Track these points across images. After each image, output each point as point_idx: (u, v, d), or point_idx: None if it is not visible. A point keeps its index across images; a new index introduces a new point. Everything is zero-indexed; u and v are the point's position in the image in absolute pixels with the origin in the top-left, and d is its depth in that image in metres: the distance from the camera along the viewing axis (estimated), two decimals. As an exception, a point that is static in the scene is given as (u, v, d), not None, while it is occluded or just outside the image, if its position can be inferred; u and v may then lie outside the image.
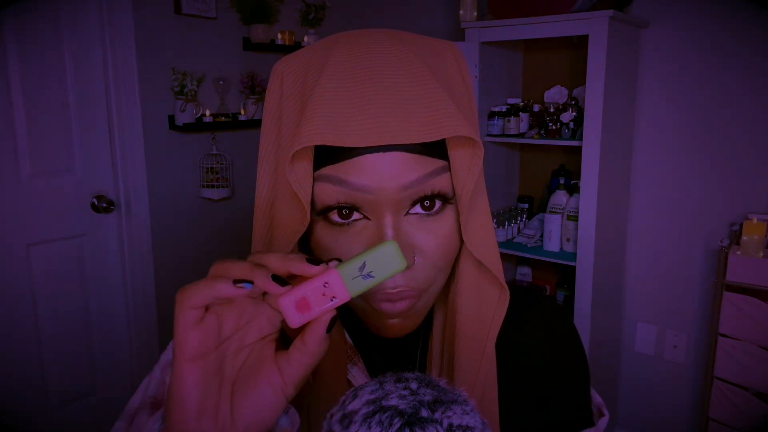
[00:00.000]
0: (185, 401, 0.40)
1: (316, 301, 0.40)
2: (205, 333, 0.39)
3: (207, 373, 0.40)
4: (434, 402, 0.40)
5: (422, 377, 0.43)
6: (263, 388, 0.42)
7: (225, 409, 0.42)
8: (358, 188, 0.45)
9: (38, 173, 2.08)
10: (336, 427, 0.41)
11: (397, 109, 0.43)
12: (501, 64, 2.34)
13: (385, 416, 0.39)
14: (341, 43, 0.47)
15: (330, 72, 0.45)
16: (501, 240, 2.32)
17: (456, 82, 0.49)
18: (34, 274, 2.10)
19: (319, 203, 0.46)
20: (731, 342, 1.81)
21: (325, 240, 0.48)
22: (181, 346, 0.39)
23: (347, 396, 0.43)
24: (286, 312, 0.40)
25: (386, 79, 0.44)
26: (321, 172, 0.46)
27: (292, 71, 0.48)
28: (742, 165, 2.06)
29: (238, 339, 0.42)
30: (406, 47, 0.47)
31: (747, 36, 1.99)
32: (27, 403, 2.12)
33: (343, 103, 0.43)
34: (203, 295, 0.38)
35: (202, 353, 0.40)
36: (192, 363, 0.39)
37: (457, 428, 0.39)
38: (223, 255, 2.63)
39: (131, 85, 2.22)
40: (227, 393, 0.42)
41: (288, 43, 2.64)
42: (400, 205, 0.46)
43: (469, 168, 0.46)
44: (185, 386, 0.40)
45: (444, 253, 0.49)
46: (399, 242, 0.45)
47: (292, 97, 0.47)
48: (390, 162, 0.44)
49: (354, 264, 0.40)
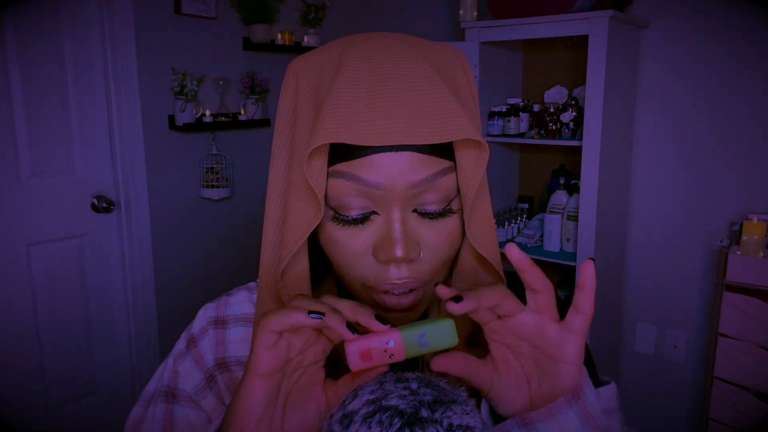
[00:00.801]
0: (251, 411, 0.46)
1: (378, 356, 0.45)
2: (277, 354, 0.46)
3: (272, 387, 0.47)
4: (434, 402, 0.40)
5: (422, 377, 0.43)
6: (311, 406, 0.49)
7: (277, 420, 0.48)
8: (370, 185, 0.47)
9: (38, 173, 2.08)
10: (336, 427, 0.41)
11: (408, 111, 0.46)
12: (501, 64, 2.34)
13: (385, 416, 0.39)
14: (355, 46, 0.50)
15: (345, 73, 0.47)
16: (501, 240, 2.32)
17: (462, 86, 0.52)
18: (34, 274, 2.10)
19: (332, 197, 0.49)
20: (731, 342, 1.81)
21: (336, 232, 0.50)
22: (256, 363, 0.46)
23: (347, 396, 0.43)
24: (350, 356, 0.45)
25: (398, 82, 0.47)
26: (335, 168, 0.48)
27: (308, 71, 0.51)
28: (742, 165, 2.06)
29: (298, 361, 0.49)
30: (416, 51, 0.49)
31: (747, 35, 1.99)
32: (27, 403, 2.12)
33: (357, 104, 0.46)
34: (282, 323, 0.45)
35: (272, 371, 0.46)
36: (263, 378, 0.46)
37: (457, 428, 0.39)
38: (223, 255, 2.63)
39: (131, 85, 2.22)
40: (281, 406, 0.48)
41: (288, 43, 2.64)
42: (408, 202, 0.49)
43: (475, 168, 0.49)
44: (253, 397, 0.46)
45: (448, 248, 0.51)
46: (406, 237, 0.48)
47: (307, 97, 0.50)
48: (401, 161, 0.47)
49: (416, 331, 0.46)
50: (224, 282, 2.60)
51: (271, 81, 2.65)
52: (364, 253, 0.50)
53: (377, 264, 0.50)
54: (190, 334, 0.65)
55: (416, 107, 0.46)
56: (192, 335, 0.65)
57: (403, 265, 0.50)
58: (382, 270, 0.50)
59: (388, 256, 0.48)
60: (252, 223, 2.72)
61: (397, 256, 0.48)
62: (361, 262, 0.50)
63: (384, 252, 0.48)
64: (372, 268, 0.50)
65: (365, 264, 0.50)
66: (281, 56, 2.71)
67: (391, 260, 0.48)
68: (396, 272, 0.50)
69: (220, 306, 0.65)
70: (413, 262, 0.50)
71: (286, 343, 0.46)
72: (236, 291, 0.67)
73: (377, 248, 0.49)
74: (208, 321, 0.65)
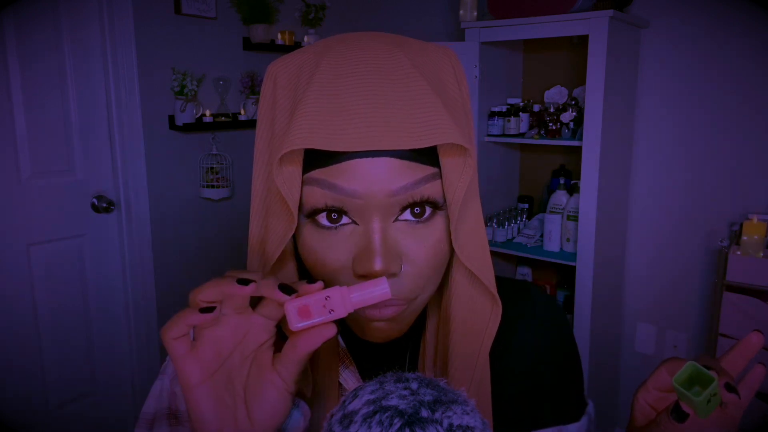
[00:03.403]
0: (204, 420, 0.44)
1: (317, 311, 0.43)
2: (201, 361, 0.44)
3: (216, 390, 0.45)
4: (434, 402, 0.40)
5: (422, 377, 0.43)
6: (269, 390, 0.46)
7: (242, 415, 0.46)
8: (346, 193, 0.45)
9: (38, 173, 2.08)
10: (336, 428, 0.41)
11: (387, 115, 0.43)
12: (501, 64, 2.34)
13: (385, 416, 0.39)
14: (335, 47, 0.47)
15: (322, 75, 0.45)
16: (501, 240, 2.32)
17: (451, 88, 0.49)
18: (34, 274, 2.10)
19: (307, 206, 0.46)
20: (731, 342, 1.81)
21: (313, 243, 0.47)
22: (181, 376, 0.43)
23: (347, 396, 0.43)
24: (289, 315, 0.43)
25: (378, 85, 0.44)
26: (310, 175, 0.46)
27: (285, 73, 0.48)
28: (742, 165, 2.06)
29: (240, 352, 0.46)
30: (401, 53, 0.46)
31: (747, 35, 1.99)
32: (27, 403, 2.12)
33: (333, 107, 0.43)
34: (178, 327, 0.42)
35: (204, 377, 0.44)
36: (198, 388, 0.44)
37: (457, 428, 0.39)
38: (223, 255, 2.63)
39: (131, 85, 2.22)
40: (241, 401, 0.46)
41: (288, 43, 2.64)
42: (388, 211, 0.46)
43: (460, 175, 0.46)
44: (200, 408, 0.44)
45: (432, 261, 0.48)
46: (386, 249, 0.46)
47: (284, 99, 0.47)
48: (379, 167, 0.44)
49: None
50: (224, 282, 2.60)
51: (271, 81, 2.65)
52: (342, 266, 0.47)
53: (356, 279, 0.46)
54: None
55: (395, 110, 0.43)
56: None
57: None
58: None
59: (367, 270, 0.45)
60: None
61: (375, 270, 0.44)
62: (340, 276, 0.47)
63: (362, 265, 0.45)
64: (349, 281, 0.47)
65: (343, 279, 0.47)
66: (281, 56, 2.71)
67: (369, 275, 0.45)
68: None
69: None
70: (394, 276, 0.47)
71: (209, 346, 0.44)
72: None
73: (355, 261, 0.46)
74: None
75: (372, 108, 0.43)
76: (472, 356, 0.52)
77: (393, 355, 0.59)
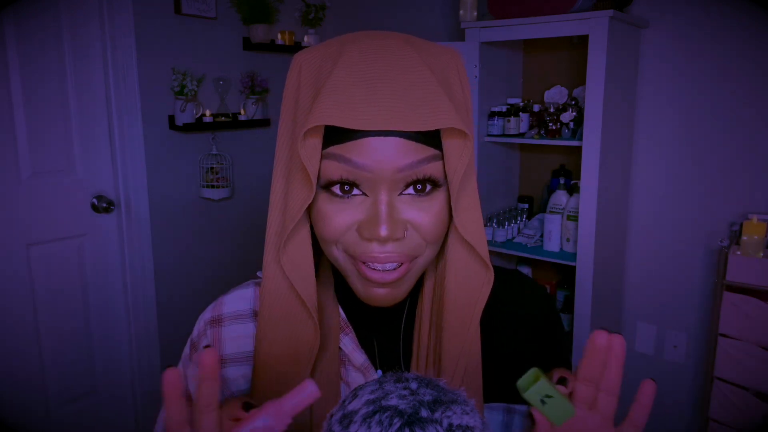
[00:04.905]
0: None
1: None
2: None
3: None
4: (434, 402, 0.40)
5: (422, 377, 0.43)
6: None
7: None
8: (359, 167, 0.51)
9: (38, 173, 2.08)
10: (336, 427, 0.41)
11: (399, 100, 0.49)
12: (501, 64, 2.34)
13: (385, 416, 0.39)
14: (355, 41, 0.53)
15: (343, 64, 0.51)
16: (501, 240, 2.32)
17: (455, 85, 0.55)
18: (34, 274, 2.10)
19: (324, 178, 0.52)
20: (731, 342, 1.81)
21: (326, 209, 0.53)
22: None
23: (347, 396, 0.43)
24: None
25: (393, 75, 0.50)
26: (328, 150, 0.52)
27: (310, 62, 0.54)
28: (742, 165, 2.06)
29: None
30: (412, 50, 0.52)
31: (747, 36, 1.99)
32: (27, 403, 2.12)
33: (352, 91, 0.49)
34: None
35: None
36: None
37: (457, 428, 0.39)
38: (223, 255, 2.63)
39: (131, 85, 2.22)
40: None
41: (288, 43, 2.64)
42: (395, 185, 0.52)
43: (460, 157, 0.52)
44: None
45: (433, 227, 0.54)
46: (392, 218, 0.51)
47: (307, 85, 0.53)
48: (389, 146, 0.50)
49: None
50: (224, 282, 2.60)
51: (271, 81, 2.65)
52: (348, 227, 0.53)
53: (360, 239, 0.53)
54: (191, 339, 0.68)
55: (407, 98, 0.49)
56: (192, 340, 0.67)
57: (389, 242, 0.52)
58: (365, 244, 0.53)
59: (372, 234, 0.51)
60: (252, 223, 2.72)
61: (381, 235, 0.51)
62: (346, 235, 0.53)
63: (368, 230, 0.51)
64: (355, 241, 0.53)
65: (348, 238, 0.53)
66: (281, 56, 2.71)
67: (374, 239, 0.51)
68: (379, 248, 0.52)
69: (215, 306, 0.67)
70: (398, 240, 0.52)
71: None
72: (232, 290, 0.69)
73: (362, 226, 0.52)
74: (205, 323, 0.67)
75: (385, 94, 0.49)
76: (467, 314, 0.57)
77: (389, 320, 0.64)
